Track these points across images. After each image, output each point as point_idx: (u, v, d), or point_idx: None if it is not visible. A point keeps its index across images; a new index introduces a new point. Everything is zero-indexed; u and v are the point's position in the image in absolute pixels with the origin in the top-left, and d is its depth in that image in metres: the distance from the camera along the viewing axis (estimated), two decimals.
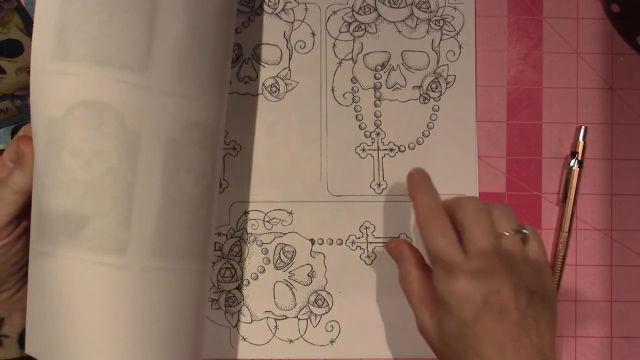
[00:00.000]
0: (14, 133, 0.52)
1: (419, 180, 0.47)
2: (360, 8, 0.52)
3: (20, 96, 0.52)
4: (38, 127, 0.36)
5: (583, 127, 0.51)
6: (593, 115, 0.52)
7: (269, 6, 0.51)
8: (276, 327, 0.51)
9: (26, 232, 0.41)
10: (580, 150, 0.51)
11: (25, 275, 0.39)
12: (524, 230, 0.43)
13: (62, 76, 0.36)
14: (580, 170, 0.51)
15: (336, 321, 0.51)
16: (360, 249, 0.51)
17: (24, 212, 0.40)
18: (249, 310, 0.51)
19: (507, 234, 0.42)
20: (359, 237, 0.51)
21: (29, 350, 0.38)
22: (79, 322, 0.36)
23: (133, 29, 0.37)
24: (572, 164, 0.51)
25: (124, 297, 0.37)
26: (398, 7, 0.52)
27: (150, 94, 0.38)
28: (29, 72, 0.42)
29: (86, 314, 0.36)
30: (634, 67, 0.52)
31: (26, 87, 0.51)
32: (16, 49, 0.52)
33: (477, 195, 0.51)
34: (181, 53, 0.39)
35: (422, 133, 0.52)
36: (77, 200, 0.36)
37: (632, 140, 0.52)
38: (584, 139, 0.51)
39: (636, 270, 0.52)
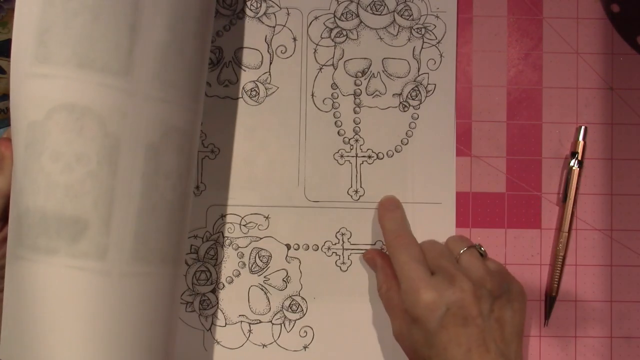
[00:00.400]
0: None
1: (388, 207, 0.50)
2: (342, 14, 0.52)
3: None
4: (18, 129, 0.36)
5: (583, 127, 0.51)
6: (593, 115, 0.52)
7: (250, 10, 0.51)
8: (250, 331, 0.51)
9: None
10: (580, 150, 0.51)
11: None
12: (482, 248, 0.46)
13: (43, 78, 0.35)
14: (580, 170, 0.51)
15: (310, 327, 0.51)
16: (336, 255, 0.51)
17: (6, 216, 0.40)
18: (223, 313, 0.51)
19: (462, 251, 0.46)
20: (335, 244, 0.51)
21: (2, 355, 0.38)
22: (56, 328, 0.36)
23: (116, 33, 0.37)
24: (572, 164, 0.51)
25: (103, 303, 0.37)
26: (380, 14, 0.52)
27: (131, 98, 0.37)
28: None
29: (64, 319, 0.36)
30: (634, 67, 0.53)
31: None
32: None
33: (455, 200, 0.52)
34: (162, 58, 0.39)
35: (401, 141, 0.52)
36: (57, 205, 0.36)
37: (632, 140, 0.53)
38: (584, 139, 0.51)
39: (636, 270, 0.52)
